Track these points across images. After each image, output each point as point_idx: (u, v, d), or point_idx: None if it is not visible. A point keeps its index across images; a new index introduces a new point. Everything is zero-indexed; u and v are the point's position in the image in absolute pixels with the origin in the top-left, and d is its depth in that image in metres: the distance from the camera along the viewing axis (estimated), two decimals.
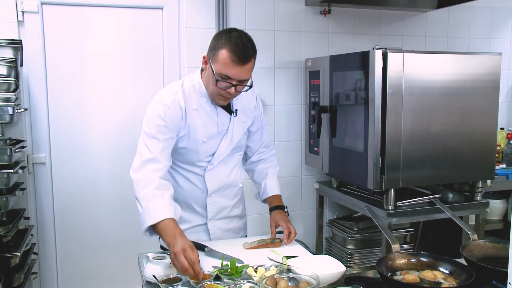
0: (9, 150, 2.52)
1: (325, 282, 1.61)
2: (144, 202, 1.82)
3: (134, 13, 3.21)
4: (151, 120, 1.91)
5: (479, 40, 3.94)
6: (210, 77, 1.86)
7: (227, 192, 2.11)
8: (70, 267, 3.25)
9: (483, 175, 2.91)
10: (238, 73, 1.81)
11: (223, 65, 1.79)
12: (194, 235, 2.09)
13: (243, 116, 2.06)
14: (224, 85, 1.83)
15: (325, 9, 3.45)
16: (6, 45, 2.73)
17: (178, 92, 1.93)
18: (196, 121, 1.93)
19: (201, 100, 1.95)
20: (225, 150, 2.01)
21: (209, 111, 1.96)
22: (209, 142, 1.97)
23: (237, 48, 1.79)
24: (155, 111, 1.91)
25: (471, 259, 1.67)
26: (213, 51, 1.84)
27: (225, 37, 1.81)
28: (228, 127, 2.00)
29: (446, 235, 3.33)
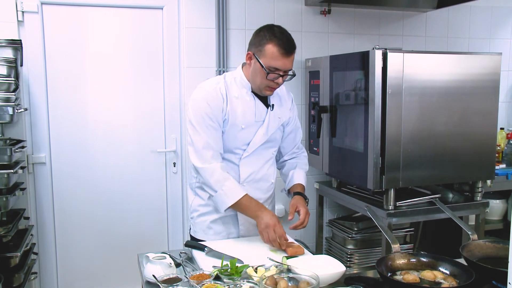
0: (9, 150, 2.52)
1: (325, 282, 1.61)
2: (218, 186, 1.98)
3: (134, 13, 3.21)
4: (196, 109, 2.02)
5: (479, 40, 3.94)
6: (258, 71, 1.98)
7: (259, 184, 2.16)
8: (70, 267, 3.25)
9: (483, 175, 2.91)
10: (285, 64, 1.96)
11: (272, 58, 1.94)
12: (222, 227, 2.15)
13: (278, 112, 2.16)
14: (273, 77, 1.97)
15: (325, 9, 3.45)
16: (6, 45, 2.73)
17: (220, 82, 2.07)
18: (236, 108, 2.04)
19: (241, 90, 2.07)
20: (260, 139, 2.10)
21: (248, 101, 2.07)
22: (247, 129, 2.07)
23: (283, 41, 1.95)
24: (199, 99, 2.03)
25: (471, 259, 1.67)
26: (258, 47, 1.97)
27: (269, 33, 1.96)
28: (265, 119, 2.10)
29: (446, 235, 3.33)
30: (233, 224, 2.16)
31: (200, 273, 1.63)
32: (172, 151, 3.37)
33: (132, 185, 3.32)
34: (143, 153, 3.32)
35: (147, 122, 3.30)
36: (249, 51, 2.02)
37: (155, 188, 3.37)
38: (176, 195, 3.41)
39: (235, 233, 2.17)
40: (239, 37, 3.31)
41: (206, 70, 3.26)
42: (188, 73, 3.24)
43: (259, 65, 1.96)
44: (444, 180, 2.92)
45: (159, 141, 3.35)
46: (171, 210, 3.42)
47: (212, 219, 2.15)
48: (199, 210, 2.18)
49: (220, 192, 1.98)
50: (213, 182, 1.98)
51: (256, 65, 1.98)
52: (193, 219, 2.22)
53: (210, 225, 2.15)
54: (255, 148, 2.10)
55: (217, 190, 1.98)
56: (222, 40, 3.26)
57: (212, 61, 3.27)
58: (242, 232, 2.16)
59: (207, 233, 2.16)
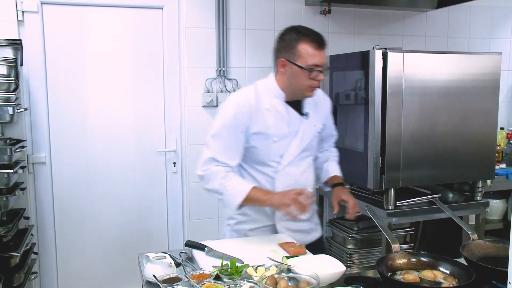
0: (9, 150, 2.52)
1: (325, 282, 1.60)
2: (222, 189, 1.94)
3: (134, 13, 3.21)
4: (218, 120, 1.99)
5: (479, 40, 3.94)
6: (298, 74, 1.92)
7: None
8: (70, 266, 3.25)
9: (483, 175, 2.91)
10: (322, 57, 1.92)
11: (309, 56, 1.89)
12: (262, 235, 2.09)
13: (314, 120, 2.09)
14: (315, 75, 1.92)
15: (325, 9, 3.45)
16: (6, 45, 2.73)
17: (250, 92, 2.01)
18: (268, 121, 1.98)
19: (273, 100, 2.00)
20: (295, 150, 2.03)
21: (281, 111, 2.00)
22: (280, 142, 2.00)
23: (313, 36, 1.91)
24: (224, 110, 1.99)
25: (471, 259, 1.67)
26: (290, 50, 1.91)
27: (295, 33, 1.92)
28: (299, 129, 2.03)
29: (446, 235, 3.33)
30: (273, 233, 2.10)
31: (200, 273, 1.63)
32: (172, 151, 3.37)
33: (132, 185, 3.31)
34: (143, 153, 3.32)
35: (147, 121, 3.30)
36: (281, 58, 1.95)
37: (155, 188, 3.37)
38: (176, 195, 3.41)
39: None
40: (239, 37, 3.31)
41: (206, 70, 3.26)
42: (188, 73, 3.24)
43: (297, 68, 1.90)
44: (444, 180, 2.92)
45: (159, 141, 3.35)
46: (171, 209, 3.42)
47: (250, 228, 2.11)
48: (236, 218, 2.14)
49: (225, 194, 1.94)
50: (216, 186, 1.94)
51: (293, 69, 1.92)
52: (230, 226, 2.17)
53: (248, 234, 2.11)
54: (291, 160, 2.03)
55: (222, 192, 1.94)
56: (222, 40, 3.26)
57: (212, 61, 3.27)
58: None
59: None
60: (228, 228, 2.20)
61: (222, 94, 3.27)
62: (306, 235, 2.17)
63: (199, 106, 3.27)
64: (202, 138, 3.26)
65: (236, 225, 2.15)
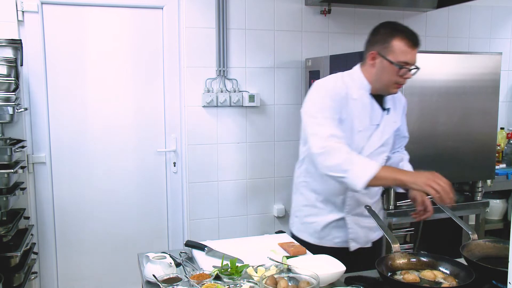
0: (9, 149, 2.52)
1: (325, 282, 1.60)
2: (346, 164, 1.80)
3: (134, 12, 3.21)
4: (319, 103, 1.94)
5: (479, 40, 3.94)
6: (387, 69, 1.92)
7: (369, 189, 2.06)
8: (70, 266, 3.25)
9: (483, 175, 2.91)
10: (413, 56, 1.92)
11: (401, 52, 1.88)
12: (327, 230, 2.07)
13: (394, 116, 2.09)
14: (403, 72, 1.91)
15: (325, 9, 3.45)
16: (6, 45, 2.73)
17: (338, 81, 2.00)
18: (354, 110, 1.97)
19: (359, 92, 1.99)
20: (374, 143, 2.03)
21: (366, 103, 2.00)
22: (363, 133, 1.99)
23: (409, 34, 1.90)
24: (319, 95, 1.96)
25: (471, 259, 1.67)
26: (383, 44, 1.91)
27: (392, 28, 1.92)
28: (380, 123, 2.03)
29: (446, 235, 3.33)
30: (342, 228, 2.08)
31: (200, 273, 1.63)
32: (172, 151, 3.37)
33: (132, 185, 3.32)
34: (143, 152, 3.32)
35: (147, 121, 3.30)
36: (373, 51, 1.94)
37: (155, 188, 3.38)
38: (176, 195, 3.41)
39: (343, 237, 2.09)
40: (239, 37, 3.31)
41: (206, 70, 3.26)
42: (188, 73, 3.24)
43: (387, 62, 1.90)
44: None
45: (159, 140, 3.35)
46: (171, 209, 3.42)
47: (323, 223, 2.07)
48: (303, 211, 2.12)
49: (352, 169, 1.78)
50: (341, 161, 1.80)
51: (383, 63, 1.92)
52: (298, 218, 2.15)
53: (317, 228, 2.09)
54: (370, 152, 2.00)
55: (347, 168, 1.79)
56: (222, 40, 3.26)
57: (212, 61, 3.27)
58: (352, 236, 2.08)
59: (312, 235, 2.09)
60: (297, 220, 2.16)
61: (222, 94, 3.27)
62: (372, 233, 2.16)
63: (199, 106, 3.27)
64: (202, 138, 3.29)
65: (305, 217, 2.12)
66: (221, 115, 3.33)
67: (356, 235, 2.10)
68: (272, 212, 3.52)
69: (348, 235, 2.09)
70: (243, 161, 3.41)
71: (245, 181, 3.44)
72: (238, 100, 3.30)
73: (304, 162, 2.11)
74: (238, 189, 3.43)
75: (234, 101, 3.29)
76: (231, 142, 3.37)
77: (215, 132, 3.33)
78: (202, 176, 3.33)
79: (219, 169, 3.36)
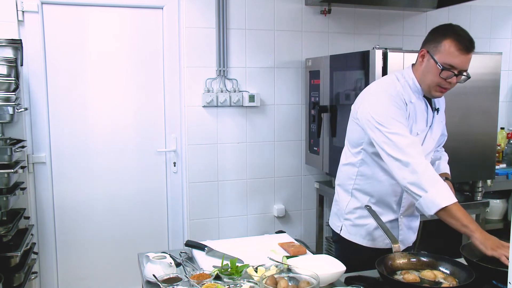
0: (9, 149, 2.52)
1: (325, 282, 1.61)
2: (430, 185, 1.75)
3: (134, 12, 3.21)
4: (386, 111, 1.88)
5: (479, 40, 3.92)
6: (431, 69, 1.89)
7: None
8: (70, 266, 3.25)
9: (483, 175, 2.91)
10: (462, 61, 1.87)
11: (448, 54, 1.85)
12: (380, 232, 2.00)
13: (441, 115, 2.10)
14: (446, 74, 1.86)
15: (325, 9, 3.45)
16: (6, 45, 2.73)
17: (397, 85, 1.96)
18: (412, 114, 1.95)
19: (414, 95, 1.97)
20: (430, 145, 2.03)
21: (421, 106, 1.98)
22: (420, 136, 1.98)
23: (463, 37, 1.88)
24: (385, 101, 1.90)
25: (471, 259, 1.67)
26: (434, 43, 1.89)
27: (448, 29, 1.90)
28: (432, 124, 2.03)
29: (446, 235, 3.33)
30: (393, 229, 2.04)
31: (200, 273, 1.63)
32: (172, 151, 3.37)
33: (132, 185, 3.31)
34: (143, 152, 3.32)
35: (147, 121, 3.30)
36: (423, 49, 1.94)
37: (155, 188, 3.38)
38: (176, 195, 3.41)
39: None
40: (239, 37, 3.31)
41: (206, 70, 3.26)
42: (188, 73, 3.24)
43: (433, 62, 1.87)
44: None
45: (159, 140, 3.35)
46: (171, 209, 3.42)
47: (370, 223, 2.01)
48: (356, 213, 2.06)
49: (432, 191, 1.73)
50: (425, 179, 1.75)
51: (429, 62, 1.89)
52: (349, 220, 2.08)
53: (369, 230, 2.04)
54: (425, 155, 1.94)
55: (428, 189, 1.74)
56: (222, 40, 3.26)
57: (212, 61, 3.27)
58: (401, 237, 2.05)
59: (364, 237, 2.05)
60: (347, 223, 2.09)
61: (222, 94, 3.27)
62: (413, 234, 2.14)
63: (199, 106, 3.27)
64: (202, 138, 3.30)
65: (357, 219, 2.06)
66: (221, 115, 3.33)
67: (404, 236, 2.07)
68: (272, 212, 3.52)
69: (398, 237, 2.04)
70: (243, 161, 3.42)
71: (245, 181, 3.44)
72: (238, 100, 3.30)
73: (358, 165, 2.04)
74: (238, 189, 3.43)
75: (234, 101, 3.30)
76: (231, 142, 3.37)
77: (215, 132, 3.33)
78: (202, 176, 3.33)
79: (219, 169, 3.36)
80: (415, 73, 1.98)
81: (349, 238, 2.08)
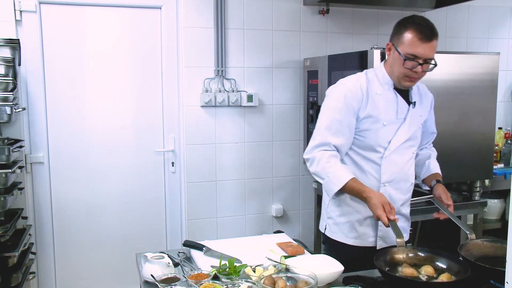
0: (7, 149, 2.52)
1: (323, 282, 1.61)
2: (323, 174, 1.95)
3: (133, 12, 3.20)
4: (329, 102, 2.03)
5: (477, 40, 3.95)
6: (396, 60, 1.96)
7: (400, 185, 2.08)
8: (68, 266, 3.25)
9: (481, 174, 2.92)
10: (425, 50, 1.91)
11: (410, 44, 1.90)
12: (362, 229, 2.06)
13: (420, 110, 2.11)
14: (411, 64, 1.92)
15: (324, 9, 3.45)
16: (4, 45, 2.72)
17: (361, 78, 2.05)
18: (378, 105, 2.00)
19: (383, 87, 2.03)
20: (401, 137, 2.04)
21: (390, 97, 2.03)
22: (388, 126, 2.02)
23: (422, 27, 1.91)
24: (335, 93, 2.02)
25: (469, 259, 1.67)
26: (397, 35, 1.95)
27: (408, 20, 1.95)
28: (406, 116, 2.05)
29: (444, 235, 3.33)
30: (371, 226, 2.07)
31: (199, 273, 1.63)
32: (170, 151, 3.36)
33: (130, 185, 3.31)
34: (142, 152, 3.32)
35: (145, 121, 3.30)
36: (388, 42, 2.01)
37: (154, 188, 3.37)
38: (174, 195, 3.41)
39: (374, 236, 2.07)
40: (238, 37, 3.31)
41: (204, 70, 3.26)
42: (187, 73, 3.24)
43: (397, 53, 1.94)
44: (442, 180, 2.91)
45: (158, 140, 3.35)
46: (170, 209, 3.41)
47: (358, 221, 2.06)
48: (337, 211, 2.10)
49: (326, 179, 1.94)
50: (319, 170, 1.96)
51: (394, 54, 1.96)
52: (332, 218, 2.12)
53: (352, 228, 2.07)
54: (397, 146, 2.03)
55: (324, 177, 1.95)
56: (221, 40, 3.26)
57: (211, 61, 3.27)
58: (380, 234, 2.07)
59: (347, 235, 2.08)
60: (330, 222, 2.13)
61: (221, 94, 3.27)
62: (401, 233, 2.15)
63: (197, 106, 3.27)
64: (200, 138, 3.29)
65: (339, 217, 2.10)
66: (219, 115, 3.33)
67: (384, 233, 2.07)
68: (270, 212, 3.52)
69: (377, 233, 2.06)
70: (242, 161, 3.41)
71: (244, 181, 3.44)
72: (236, 100, 3.30)
73: None
74: (237, 189, 3.43)
75: (232, 101, 3.29)
76: (229, 142, 3.37)
77: (214, 132, 3.32)
78: (200, 176, 3.33)
79: (218, 169, 3.36)
80: (386, 67, 2.04)
81: (332, 236, 2.11)
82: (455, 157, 2.81)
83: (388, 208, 1.80)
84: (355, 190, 1.90)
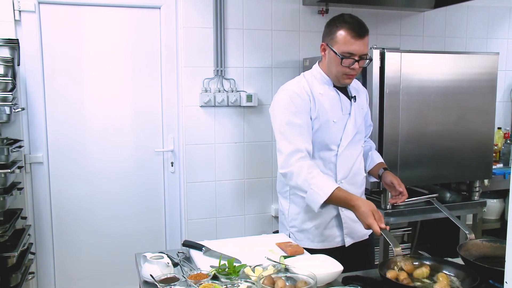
0: (6, 149, 2.51)
1: (322, 282, 1.60)
2: (306, 187, 1.91)
3: (132, 12, 3.20)
4: (281, 111, 2.02)
5: (476, 40, 3.95)
6: (333, 60, 1.99)
7: (354, 179, 2.13)
8: (68, 267, 3.24)
9: (481, 174, 2.92)
10: (359, 47, 1.95)
11: (344, 43, 1.94)
12: (328, 231, 2.08)
13: (360, 102, 2.16)
14: (348, 62, 1.96)
15: (323, 9, 3.45)
16: (3, 45, 2.72)
17: (302, 81, 2.07)
18: (324, 104, 2.04)
19: (323, 87, 2.07)
20: (351, 131, 2.08)
21: (333, 95, 2.07)
22: (338, 123, 2.06)
23: (353, 25, 1.95)
24: (284, 99, 2.02)
25: (469, 258, 1.67)
26: (330, 35, 1.99)
27: (339, 20, 1.99)
28: (350, 111, 2.09)
29: (443, 235, 3.34)
30: (337, 227, 2.10)
31: (198, 273, 1.63)
32: (169, 151, 3.36)
33: (129, 185, 3.31)
34: (141, 152, 3.32)
35: (144, 121, 3.30)
36: (322, 43, 2.04)
37: (153, 188, 3.37)
38: (174, 195, 3.40)
39: (340, 236, 2.11)
40: (237, 37, 3.31)
41: (203, 70, 3.26)
42: (186, 73, 3.24)
43: (333, 53, 1.96)
44: (442, 180, 2.92)
45: (157, 140, 3.35)
46: (169, 209, 3.41)
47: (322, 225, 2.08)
48: (298, 218, 2.12)
49: (309, 192, 1.89)
50: (300, 183, 1.91)
51: (330, 54, 1.99)
52: (295, 227, 2.14)
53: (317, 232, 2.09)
54: (348, 142, 2.07)
55: (307, 190, 1.90)
56: (220, 40, 3.26)
57: (210, 61, 3.27)
58: (346, 231, 2.10)
59: (313, 240, 2.09)
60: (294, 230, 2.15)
61: (220, 94, 3.26)
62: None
63: (196, 106, 3.27)
64: (200, 138, 3.29)
65: (303, 224, 2.11)
66: (218, 115, 3.32)
67: (351, 229, 2.11)
68: (269, 212, 3.52)
69: (343, 231, 2.11)
70: (241, 161, 3.41)
71: (243, 181, 3.44)
72: (235, 100, 3.30)
73: None
74: (236, 189, 3.43)
75: (231, 101, 3.29)
76: (228, 142, 3.37)
77: (213, 132, 3.32)
78: (199, 176, 3.33)
79: (217, 169, 3.36)
80: (322, 67, 2.08)
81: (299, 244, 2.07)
82: (454, 157, 2.81)
83: (378, 216, 1.78)
84: (342, 199, 1.86)
